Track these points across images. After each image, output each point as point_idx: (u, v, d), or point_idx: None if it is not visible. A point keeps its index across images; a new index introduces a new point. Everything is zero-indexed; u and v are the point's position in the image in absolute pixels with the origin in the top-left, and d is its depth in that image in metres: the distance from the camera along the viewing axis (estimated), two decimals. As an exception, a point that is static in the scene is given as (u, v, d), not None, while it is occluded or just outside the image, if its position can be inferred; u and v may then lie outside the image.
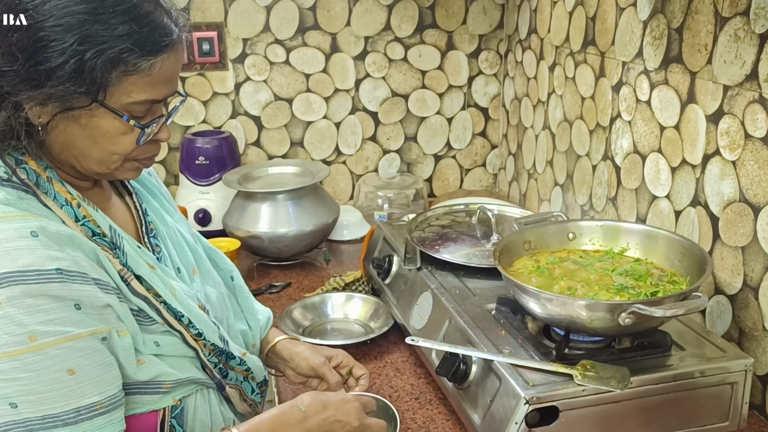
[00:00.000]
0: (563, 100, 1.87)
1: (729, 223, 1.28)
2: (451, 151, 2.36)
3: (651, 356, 1.12)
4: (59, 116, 0.85)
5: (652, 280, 1.19)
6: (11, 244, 0.80)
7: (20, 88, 0.81)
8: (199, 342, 0.98)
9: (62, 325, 0.81)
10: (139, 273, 0.92)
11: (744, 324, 1.27)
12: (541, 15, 1.98)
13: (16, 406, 0.78)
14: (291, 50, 2.16)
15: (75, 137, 0.87)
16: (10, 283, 0.78)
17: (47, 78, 0.80)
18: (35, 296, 0.79)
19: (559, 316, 1.09)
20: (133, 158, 0.93)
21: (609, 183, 1.67)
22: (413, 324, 1.39)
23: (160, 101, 0.90)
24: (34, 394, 0.78)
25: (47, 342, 0.79)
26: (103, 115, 0.86)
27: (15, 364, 0.78)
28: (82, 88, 0.82)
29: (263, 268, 1.88)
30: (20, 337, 0.78)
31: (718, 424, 1.12)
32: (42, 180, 0.88)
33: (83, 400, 0.81)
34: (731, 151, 1.26)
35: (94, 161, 0.90)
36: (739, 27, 1.21)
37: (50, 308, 0.80)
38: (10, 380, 0.78)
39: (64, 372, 0.80)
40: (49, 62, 0.80)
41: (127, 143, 0.89)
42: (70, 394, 0.80)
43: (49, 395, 0.79)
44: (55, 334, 0.80)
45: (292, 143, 2.25)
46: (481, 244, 1.50)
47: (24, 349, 0.78)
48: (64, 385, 0.80)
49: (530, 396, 1.01)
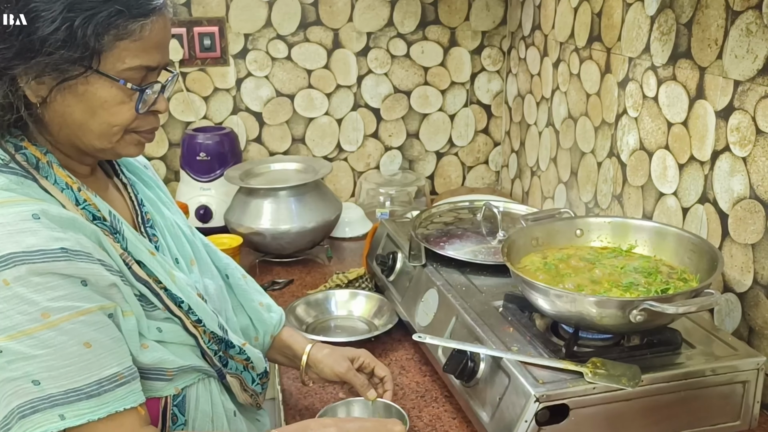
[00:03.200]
0: (567, 96, 1.86)
1: (739, 220, 1.27)
2: (453, 149, 2.34)
3: (661, 354, 1.11)
4: (56, 89, 0.84)
5: (662, 278, 1.17)
6: (14, 227, 0.80)
7: (15, 62, 0.82)
8: (199, 329, 0.98)
9: (72, 300, 0.81)
10: (140, 258, 0.92)
11: (754, 322, 1.25)
12: (545, 11, 1.96)
13: (39, 383, 0.78)
14: (293, 46, 2.14)
15: (74, 110, 0.87)
16: (16, 263, 0.78)
17: (40, 48, 0.81)
18: (42, 274, 0.79)
19: (569, 313, 1.08)
20: (133, 130, 0.92)
21: (615, 180, 1.66)
22: (419, 321, 1.37)
23: (154, 69, 0.90)
24: (54, 369, 0.79)
25: (60, 318, 0.79)
26: (100, 84, 0.86)
27: (32, 342, 0.78)
28: (76, 54, 0.82)
29: (265, 265, 1.86)
30: (33, 315, 0.78)
31: (730, 423, 1.11)
32: (42, 164, 0.88)
33: (103, 371, 0.82)
34: (742, 147, 1.24)
35: (95, 135, 0.89)
36: (751, 21, 1.19)
37: (58, 285, 0.80)
38: (30, 358, 0.78)
39: (81, 345, 0.81)
40: (40, 32, 0.80)
41: (126, 112, 0.89)
42: (90, 366, 0.81)
43: (69, 369, 0.80)
44: (66, 309, 0.80)
45: (294, 139, 2.23)
46: (486, 241, 1.49)
47: (39, 326, 0.78)
48: (82, 358, 0.81)
49: (540, 394, 1.00)
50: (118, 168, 1.05)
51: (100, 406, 0.80)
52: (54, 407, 0.78)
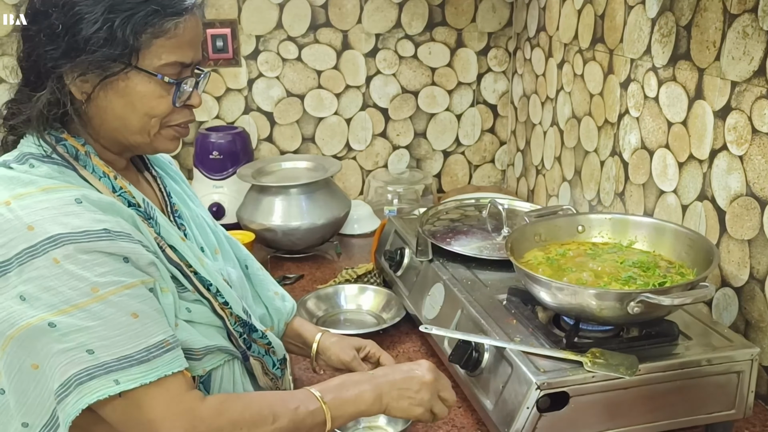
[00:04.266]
0: (572, 96, 1.90)
1: (736, 217, 1.31)
2: (460, 148, 2.39)
3: (658, 345, 1.15)
4: (99, 87, 0.92)
5: (660, 272, 1.21)
6: (59, 210, 0.86)
7: (62, 61, 0.90)
8: (226, 311, 1.04)
9: (117, 275, 0.86)
10: (172, 243, 0.99)
11: (750, 316, 1.29)
12: (549, 13, 2.01)
13: (93, 352, 0.83)
14: (303, 47, 2.19)
15: (115, 106, 0.94)
16: (64, 243, 0.84)
17: (84, 47, 0.89)
18: (88, 252, 0.85)
19: (570, 305, 1.12)
20: (169, 124, 0.98)
21: (617, 178, 1.70)
22: (425, 314, 1.42)
23: (188, 65, 0.96)
24: (106, 339, 0.84)
25: (108, 291, 0.85)
26: (139, 79, 0.92)
27: (84, 315, 0.84)
28: (116, 51, 0.89)
29: (276, 261, 1.91)
30: (83, 289, 0.84)
31: (725, 412, 1.15)
32: (81, 154, 0.95)
33: (151, 339, 0.87)
34: (738, 146, 1.28)
35: (135, 129, 0.96)
36: (747, 24, 1.23)
37: (103, 262, 0.86)
38: (83, 329, 0.83)
39: (128, 316, 0.86)
40: (84, 32, 0.88)
41: (164, 104, 0.95)
42: (139, 335, 0.86)
43: (120, 338, 0.85)
44: (112, 284, 0.86)
45: (304, 139, 2.28)
46: (491, 237, 1.53)
47: (89, 300, 0.84)
48: (131, 327, 0.86)
49: (541, 382, 1.04)
50: (148, 163, 1.12)
51: (151, 370, 0.85)
52: (108, 373, 0.83)
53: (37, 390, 0.86)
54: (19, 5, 1.96)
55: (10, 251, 0.84)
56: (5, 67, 2.04)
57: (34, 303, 0.83)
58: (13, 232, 0.84)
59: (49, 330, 0.83)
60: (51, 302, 0.83)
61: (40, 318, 0.83)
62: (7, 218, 0.85)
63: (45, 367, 0.84)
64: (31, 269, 0.83)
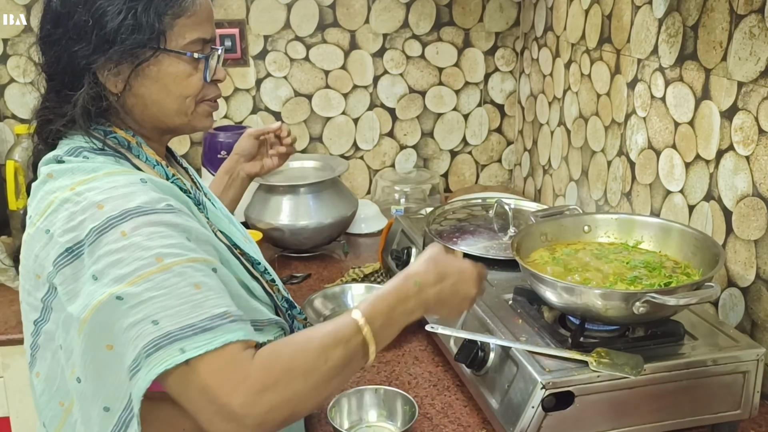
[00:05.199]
0: (579, 96, 1.90)
1: (742, 217, 1.31)
2: (467, 147, 2.39)
3: (664, 345, 1.15)
4: (132, 76, 0.96)
5: (666, 272, 1.22)
6: (125, 189, 0.89)
7: (94, 57, 0.93)
8: (274, 288, 1.09)
9: (180, 248, 0.88)
10: (221, 228, 1.03)
11: (757, 316, 1.29)
12: (557, 13, 2.01)
13: (158, 323, 0.83)
14: (311, 47, 2.20)
15: (151, 91, 0.98)
16: (132, 216, 0.87)
17: (114, 38, 0.92)
18: (154, 224, 0.87)
19: (575, 305, 1.13)
20: (202, 99, 1.02)
21: (624, 178, 1.70)
22: (431, 313, 1.42)
23: (209, 41, 1.01)
24: (170, 308, 0.84)
25: (172, 261, 0.86)
26: (169, 61, 0.97)
27: (148, 285, 0.84)
28: (144, 37, 0.93)
29: (284, 260, 1.93)
30: (149, 260, 0.85)
31: (730, 412, 1.15)
32: (132, 145, 0.99)
33: (213, 310, 0.86)
34: (745, 146, 1.28)
35: (173, 112, 1.00)
36: (753, 24, 1.23)
37: (168, 234, 0.88)
38: (147, 300, 0.84)
39: (191, 287, 0.86)
40: (110, 25, 0.92)
41: (195, 82, 1.00)
42: (202, 305, 0.85)
43: (183, 308, 0.84)
44: (176, 255, 0.87)
45: (311, 138, 2.29)
46: (498, 237, 1.53)
47: (153, 270, 0.85)
48: (193, 297, 0.85)
49: (547, 381, 1.05)
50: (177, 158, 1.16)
51: (215, 337, 0.83)
52: (173, 343, 0.82)
53: (113, 372, 0.86)
54: (30, 5, 1.98)
55: (82, 233, 0.86)
56: (16, 66, 2.06)
57: (104, 279, 0.84)
58: (83, 214, 0.87)
59: (118, 303, 0.83)
60: (118, 275, 0.84)
61: (109, 293, 0.84)
62: (75, 202, 0.88)
63: (118, 346, 0.85)
64: (101, 246, 0.85)
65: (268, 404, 0.83)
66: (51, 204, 0.90)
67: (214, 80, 1.03)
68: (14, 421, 1.67)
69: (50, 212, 0.89)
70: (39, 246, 0.90)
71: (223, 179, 1.44)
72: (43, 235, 0.89)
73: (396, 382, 1.33)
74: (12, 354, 1.62)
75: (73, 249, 0.86)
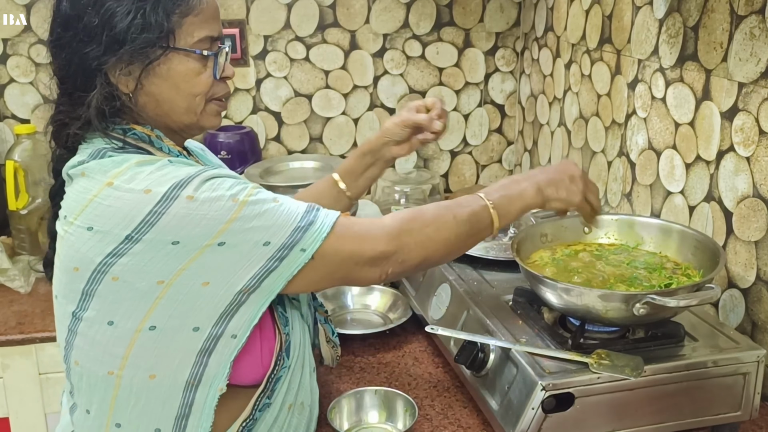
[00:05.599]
0: (579, 97, 1.90)
1: (743, 218, 1.31)
2: (467, 147, 2.39)
3: (664, 346, 1.15)
4: (143, 75, 0.97)
5: (666, 273, 1.21)
6: (161, 171, 0.92)
7: (105, 57, 0.94)
8: None
9: (240, 184, 0.94)
10: None
11: (757, 317, 1.29)
12: (557, 13, 2.01)
13: (269, 242, 0.92)
14: (311, 47, 2.20)
15: (161, 90, 0.99)
16: (188, 182, 0.91)
17: (124, 38, 0.94)
18: (209, 179, 0.93)
19: (575, 307, 1.13)
20: (212, 98, 1.04)
21: (624, 179, 1.70)
22: (432, 314, 1.42)
23: (216, 39, 1.02)
24: (270, 227, 0.92)
25: (245, 195, 0.93)
26: (178, 59, 0.98)
27: (241, 222, 0.91)
28: (154, 35, 0.95)
29: (283, 261, 1.92)
30: (227, 204, 0.91)
31: (731, 414, 1.15)
32: (153, 138, 1.00)
33: (300, 210, 0.96)
34: (745, 147, 1.28)
35: (183, 110, 1.01)
36: (754, 25, 1.23)
37: (222, 181, 0.93)
38: (247, 231, 0.91)
39: (273, 203, 0.94)
40: (119, 25, 0.93)
41: (205, 80, 1.01)
42: (290, 212, 0.94)
43: (279, 221, 0.93)
44: (242, 189, 0.93)
45: (312, 138, 2.29)
46: (498, 237, 1.53)
47: (237, 208, 0.91)
48: (280, 209, 0.94)
49: (547, 383, 1.05)
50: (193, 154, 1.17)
51: (321, 226, 0.95)
52: (292, 248, 0.93)
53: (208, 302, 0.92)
54: (30, 5, 1.98)
55: (137, 218, 0.89)
56: (16, 66, 2.05)
57: (191, 240, 0.89)
58: (132, 203, 0.89)
59: (221, 249, 0.90)
60: (207, 229, 0.89)
61: (205, 246, 0.89)
62: (117, 196, 0.90)
63: (216, 281, 0.91)
64: (168, 219, 0.89)
65: (405, 245, 1.00)
66: (90, 202, 0.92)
67: (223, 77, 1.04)
68: (14, 421, 1.67)
69: (90, 211, 0.91)
70: (80, 242, 0.92)
71: (364, 159, 1.35)
72: (84, 232, 0.92)
73: (396, 384, 1.33)
74: (11, 354, 1.62)
75: (131, 235, 0.89)
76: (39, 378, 1.65)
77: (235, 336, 0.95)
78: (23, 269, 1.81)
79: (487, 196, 1.09)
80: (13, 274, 1.78)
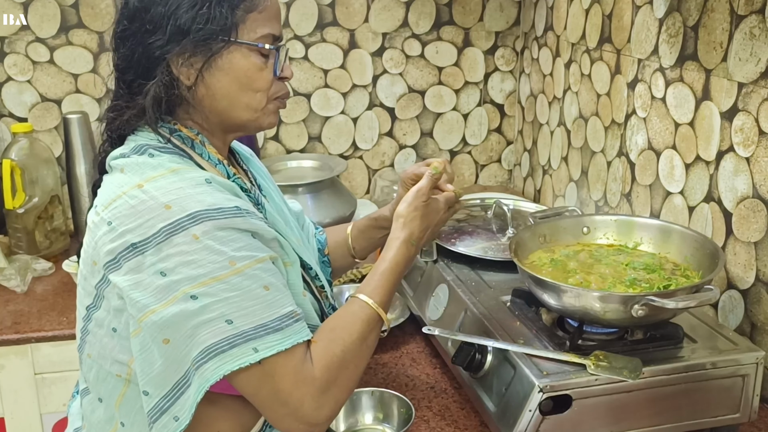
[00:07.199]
0: (579, 96, 1.89)
1: (742, 219, 1.30)
2: (466, 147, 2.38)
3: (663, 348, 1.14)
4: (205, 68, 0.97)
5: (665, 274, 1.21)
6: (193, 189, 0.91)
7: (168, 47, 0.95)
8: (323, 293, 1.09)
9: (249, 250, 0.91)
10: (278, 229, 1.02)
11: (756, 318, 1.28)
12: (557, 12, 2.00)
13: (232, 322, 0.88)
14: (310, 46, 2.19)
15: (222, 84, 0.98)
16: (203, 220, 0.89)
17: (188, 28, 0.95)
18: (224, 229, 0.90)
19: (573, 308, 1.12)
20: (272, 97, 1.03)
21: (623, 179, 1.69)
22: (429, 315, 1.41)
23: (278, 38, 1.02)
24: (243, 309, 0.88)
25: (244, 265, 0.90)
26: (240, 54, 0.98)
27: (223, 287, 0.88)
28: (218, 28, 0.95)
29: (281, 260, 1.92)
30: (222, 263, 0.88)
31: (730, 416, 1.14)
32: (196, 143, 1.00)
33: (282, 309, 0.91)
34: (745, 147, 1.27)
35: (243, 106, 1.01)
36: (754, 25, 1.22)
37: (237, 238, 0.91)
38: (222, 301, 0.88)
39: (261, 288, 0.90)
40: (184, 16, 0.94)
41: (266, 77, 1.00)
42: (272, 305, 0.91)
43: (255, 308, 0.89)
44: (247, 258, 0.90)
45: (310, 138, 2.28)
46: (496, 237, 1.53)
47: (228, 273, 0.88)
48: (264, 299, 0.90)
49: (544, 384, 1.04)
50: (239, 158, 1.16)
51: (285, 338, 0.90)
52: (248, 342, 0.88)
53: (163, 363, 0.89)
54: (27, 3, 1.97)
55: (148, 231, 0.88)
56: (14, 65, 2.05)
57: (175, 277, 0.87)
58: (150, 213, 0.89)
59: (192, 302, 0.87)
60: (192, 275, 0.87)
61: (183, 291, 0.87)
62: (142, 200, 0.90)
63: (176, 341, 0.88)
64: (171, 246, 0.87)
65: (333, 400, 0.94)
66: (118, 198, 0.92)
67: (282, 77, 1.04)
68: (9, 422, 1.67)
69: (116, 206, 0.92)
70: (99, 234, 0.92)
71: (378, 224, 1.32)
72: (104, 225, 0.92)
73: (393, 385, 1.32)
74: (7, 354, 1.62)
75: (137, 245, 0.88)
76: (34, 378, 1.64)
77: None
78: (20, 268, 1.80)
79: (372, 297, 1.01)
80: (9, 273, 1.78)
